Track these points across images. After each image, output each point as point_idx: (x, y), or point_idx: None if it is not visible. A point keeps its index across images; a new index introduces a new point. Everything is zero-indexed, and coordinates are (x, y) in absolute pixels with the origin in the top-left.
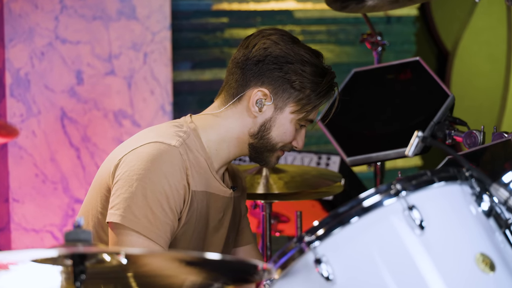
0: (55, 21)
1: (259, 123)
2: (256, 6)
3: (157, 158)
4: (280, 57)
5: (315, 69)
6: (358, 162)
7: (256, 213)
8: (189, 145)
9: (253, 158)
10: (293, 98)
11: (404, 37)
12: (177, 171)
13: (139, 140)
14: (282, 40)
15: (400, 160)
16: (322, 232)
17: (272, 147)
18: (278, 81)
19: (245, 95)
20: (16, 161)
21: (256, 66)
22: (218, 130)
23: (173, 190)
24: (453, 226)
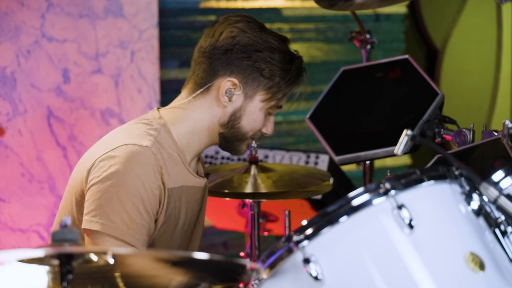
0: (41, 19)
1: (229, 112)
2: (244, 4)
3: (130, 160)
4: (249, 45)
5: (283, 56)
6: (347, 161)
7: (244, 213)
8: (161, 142)
9: (223, 147)
10: (262, 86)
11: (393, 35)
12: (151, 172)
13: (111, 143)
14: (249, 28)
15: (389, 159)
16: (310, 231)
17: (243, 136)
18: (247, 70)
19: (214, 85)
20: (2, 160)
21: (224, 56)
22: (187, 123)
23: (148, 191)
24: (442, 225)
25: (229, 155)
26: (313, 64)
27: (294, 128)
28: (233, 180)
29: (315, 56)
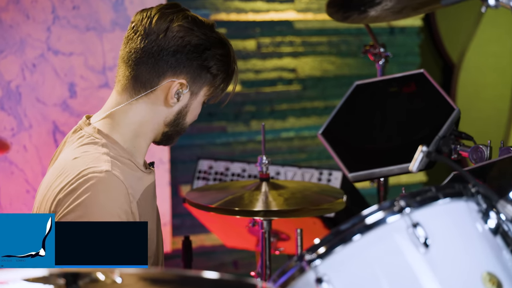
0: (47, 32)
1: (175, 111)
2: (255, 17)
3: (94, 191)
4: (199, 45)
5: (225, 49)
6: (361, 178)
7: (255, 231)
8: (114, 156)
9: (160, 143)
10: (208, 82)
11: (408, 49)
12: (116, 197)
13: (66, 175)
14: (195, 25)
15: (404, 176)
16: (323, 250)
17: (184, 130)
18: (197, 69)
19: (161, 86)
20: (6, 177)
21: (173, 57)
22: (131, 127)
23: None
24: (458, 244)
25: (239, 171)
26: (326, 78)
27: (307, 144)
28: (244, 197)
29: (327, 70)
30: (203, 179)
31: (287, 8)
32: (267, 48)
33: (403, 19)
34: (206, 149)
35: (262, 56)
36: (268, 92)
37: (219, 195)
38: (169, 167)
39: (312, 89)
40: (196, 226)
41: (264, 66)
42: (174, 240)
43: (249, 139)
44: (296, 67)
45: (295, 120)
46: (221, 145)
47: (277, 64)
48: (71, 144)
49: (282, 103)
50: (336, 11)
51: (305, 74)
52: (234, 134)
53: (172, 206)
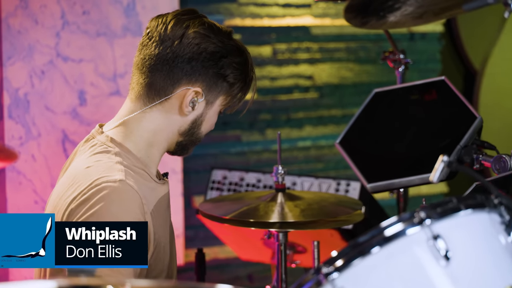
0: (56, 37)
1: (190, 120)
2: (271, 22)
3: (108, 201)
4: (216, 52)
5: (242, 58)
6: (380, 188)
7: (270, 243)
8: (128, 166)
9: (175, 153)
10: (224, 91)
11: (429, 55)
12: (130, 207)
13: (79, 184)
14: (211, 31)
15: (424, 187)
16: (341, 263)
17: (199, 140)
18: (213, 77)
19: (175, 94)
20: (14, 187)
21: (188, 64)
22: (144, 136)
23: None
24: (481, 257)
25: (254, 182)
26: (344, 85)
27: (324, 153)
28: (259, 208)
29: (345, 77)
30: (217, 189)
31: (304, 13)
32: (283, 55)
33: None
34: (220, 158)
35: (278, 63)
36: (284, 100)
37: (233, 206)
38: (182, 177)
39: (329, 97)
40: (210, 238)
41: (280, 73)
42: (187, 252)
43: (265, 148)
44: (313, 74)
45: (312, 129)
46: (235, 154)
47: (294, 71)
48: (83, 153)
49: (299, 111)
50: (354, 16)
51: (322, 81)
52: (249, 143)
53: (185, 218)
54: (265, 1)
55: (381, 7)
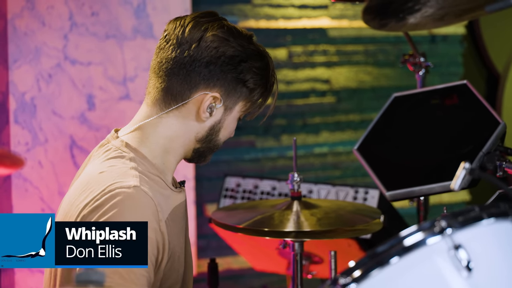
0: (64, 40)
1: (208, 127)
2: (286, 24)
3: (121, 208)
4: (235, 56)
5: (263, 62)
6: (399, 196)
7: (285, 253)
8: (143, 172)
9: (192, 161)
10: (243, 97)
11: (450, 58)
12: (145, 214)
13: (92, 189)
14: (230, 35)
15: (445, 195)
16: (358, 273)
17: (217, 147)
18: (232, 82)
19: (193, 99)
20: (20, 195)
21: (206, 69)
22: (160, 142)
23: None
24: (504, 268)
25: (269, 189)
26: (362, 89)
27: (341, 160)
28: (274, 217)
29: (364, 81)
30: (230, 197)
31: (321, 15)
32: (299, 58)
33: (445, 26)
34: (234, 165)
35: (294, 66)
36: (300, 105)
37: (247, 214)
38: (194, 184)
39: (347, 102)
40: (223, 247)
41: (295, 77)
42: (199, 262)
43: (280, 154)
44: (330, 77)
45: (329, 135)
46: (249, 161)
47: (310, 75)
48: (97, 158)
49: (315, 116)
50: (373, 18)
51: (340, 85)
52: (264, 150)
53: (197, 227)
54: (280, 2)
55: (401, 9)
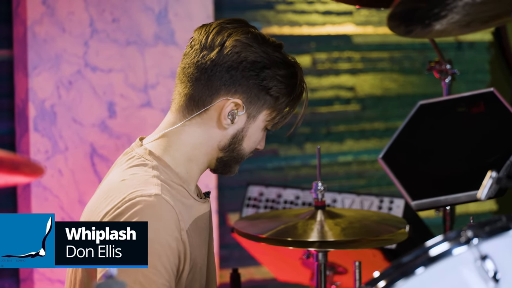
0: (84, 46)
1: (230, 135)
2: (310, 30)
3: (142, 217)
4: (257, 62)
5: (289, 70)
6: (425, 206)
7: (309, 264)
8: (165, 180)
9: (217, 171)
10: (267, 105)
11: (477, 65)
12: (166, 223)
13: (113, 197)
14: (255, 41)
15: (472, 204)
16: (383, 284)
17: (242, 158)
18: (254, 89)
19: (214, 106)
20: (40, 203)
21: (227, 73)
22: (182, 149)
23: (164, 246)
24: None
25: (292, 199)
26: (387, 97)
27: (366, 169)
28: (297, 227)
29: (389, 89)
30: (253, 206)
31: (345, 21)
32: (323, 65)
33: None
34: (256, 174)
35: (318, 73)
36: (324, 113)
37: (270, 224)
38: (217, 193)
39: (372, 109)
40: (245, 258)
41: (319, 84)
42: (221, 273)
43: (303, 163)
44: (354, 85)
45: (353, 143)
46: (272, 169)
47: (334, 82)
48: (120, 165)
49: (339, 124)
50: (398, 25)
51: (365, 93)
52: (287, 158)
53: (220, 236)
54: (304, 8)
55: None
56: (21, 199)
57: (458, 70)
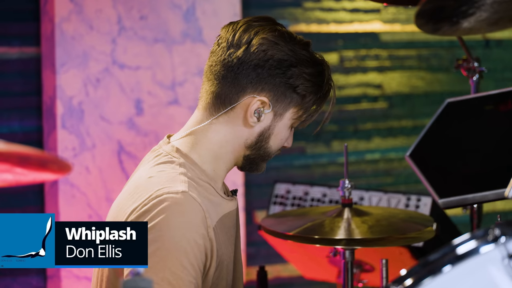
0: (112, 44)
1: (257, 133)
2: (338, 28)
3: (169, 214)
4: (283, 60)
5: (316, 69)
6: (452, 204)
7: (336, 261)
8: (192, 178)
9: (244, 169)
10: (294, 103)
11: (505, 63)
12: (193, 220)
13: (140, 194)
14: (281, 39)
15: (500, 203)
16: (410, 282)
17: (269, 156)
18: (280, 87)
19: (241, 103)
20: (67, 201)
21: (254, 72)
22: (210, 147)
23: (191, 243)
24: None
25: (320, 196)
26: (415, 95)
27: (393, 167)
28: (324, 224)
29: (417, 87)
30: (280, 204)
31: (373, 19)
32: (351, 62)
33: (500, 31)
34: (283, 172)
35: (345, 71)
36: (352, 110)
37: (297, 222)
38: (244, 191)
39: (399, 107)
40: (272, 255)
41: (347, 82)
42: (248, 270)
43: (330, 161)
44: (382, 83)
45: (380, 141)
46: (299, 167)
47: (362, 80)
48: (148, 162)
49: (367, 122)
50: (426, 22)
51: (392, 90)
52: (314, 156)
53: (246, 234)
54: (331, 6)
55: (454, 13)
56: (48, 196)
57: (486, 68)
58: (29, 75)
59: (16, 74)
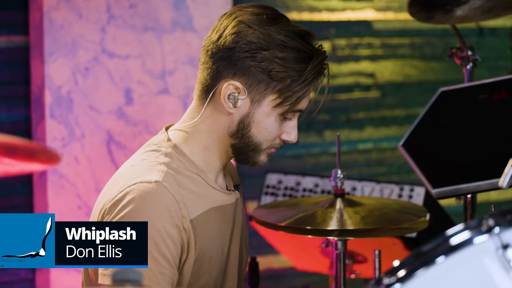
0: (101, 32)
1: (237, 120)
2: (330, 16)
3: (139, 203)
4: (252, 43)
5: (296, 55)
6: (446, 194)
7: (328, 252)
8: (176, 168)
9: (238, 160)
10: (271, 90)
11: (499, 52)
12: (164, 210)
13: (119, 182)
14: (258, 22)
15: (493, 193)
16: (403, 273)
17: (256, 146)
18: (252, 71)
19: (217, 89)
20: (56, 191)
21: (226, 55)
22: (198, 137)
23: (162, 234)
24: None
25: (312, 187)
26: (408, 84)
27: (386, 156)
28: (316, 215)
29: (410, 75)
30: (271, 194)
31: (365, 7)
32: (343, 51)
33: (493, 19)
34: (275, 161)
35: (338, 60)
36: (344, 99)
37: (289, 212)
38: None
39: (392, 96)
40: (264, 246)
41: (339, 71)
42: None
43: (323, 151)
44: (374, 71)
45: (373, 130)
46: (291, 157)
47: (354, 69)
48: (138, 151)
49: (359, 112)
50: (419, 10)
51: (385, 79)
52: (306, 146)
53: None
54: None
55: (448, 1)
56: (37, 187)
57: (480, 56)
58: (17, 64)
59: (4, 63)
